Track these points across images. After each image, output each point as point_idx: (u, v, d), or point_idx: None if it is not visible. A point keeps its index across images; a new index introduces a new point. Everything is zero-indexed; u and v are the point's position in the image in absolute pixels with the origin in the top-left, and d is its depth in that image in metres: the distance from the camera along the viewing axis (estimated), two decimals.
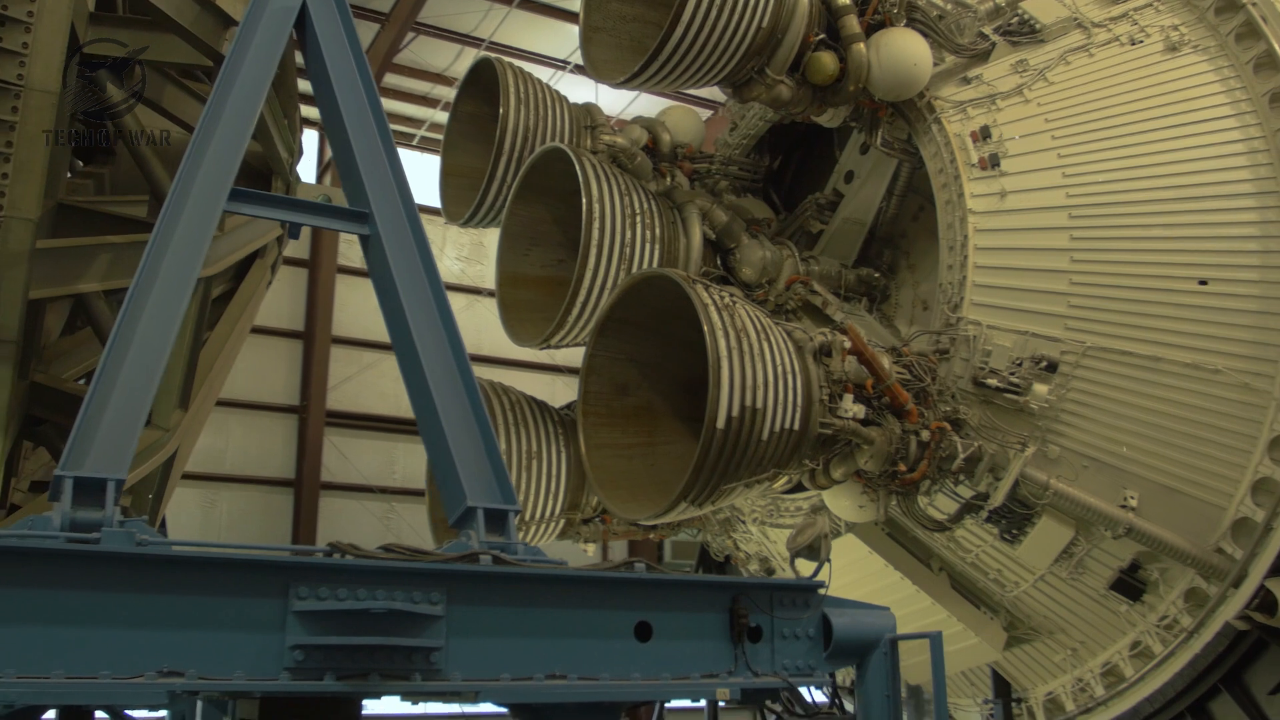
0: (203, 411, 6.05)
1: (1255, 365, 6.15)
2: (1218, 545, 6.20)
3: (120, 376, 2.89)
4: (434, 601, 2.76)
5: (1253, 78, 6.45)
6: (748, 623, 3.19)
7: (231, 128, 3.39)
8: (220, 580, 2.62)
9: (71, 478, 2.71)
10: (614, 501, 5.83)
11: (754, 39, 6.11)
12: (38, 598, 2.43)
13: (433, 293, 3.60)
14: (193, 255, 3.11)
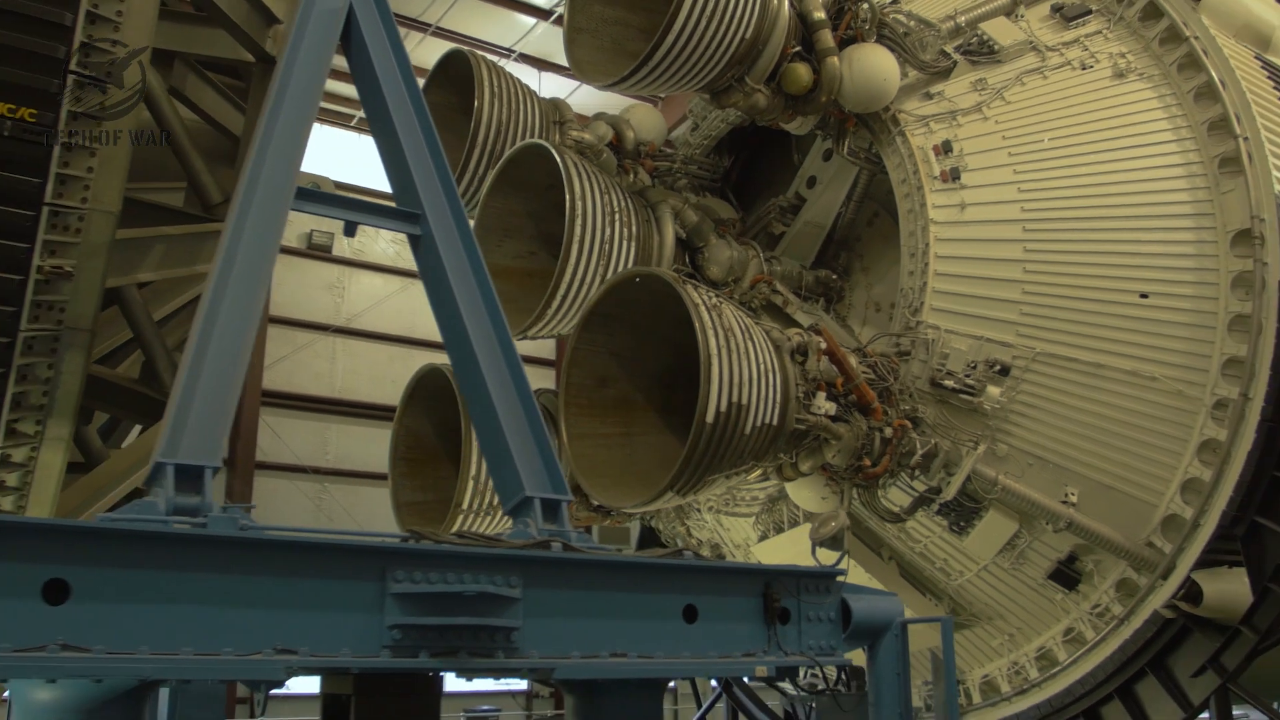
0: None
1: (1189, 374, 6.63)
2: (1149, 540, 6.67)
3: (205, 370, 3.02)
4: (512, 585, 2.97)
5: (1193, 106, 6.93)
6: (779, 606, 3.46)
7: (290, 130, 3.52)
8: (322, 564, 2.79)
9: (173, 464, 2.84)
10: (597, 489, 6.06)
11: (737, 49, 6.38)
12: (156, 578, 2.57)
13: (481, 291, 3.78)
14: (266, 254, 3.25)
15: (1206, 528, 6.48)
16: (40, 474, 3.41)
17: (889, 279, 8.05)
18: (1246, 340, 6.47)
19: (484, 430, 3.68)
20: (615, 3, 6.98)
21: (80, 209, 3.10)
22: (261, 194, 3.35)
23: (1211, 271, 6.67)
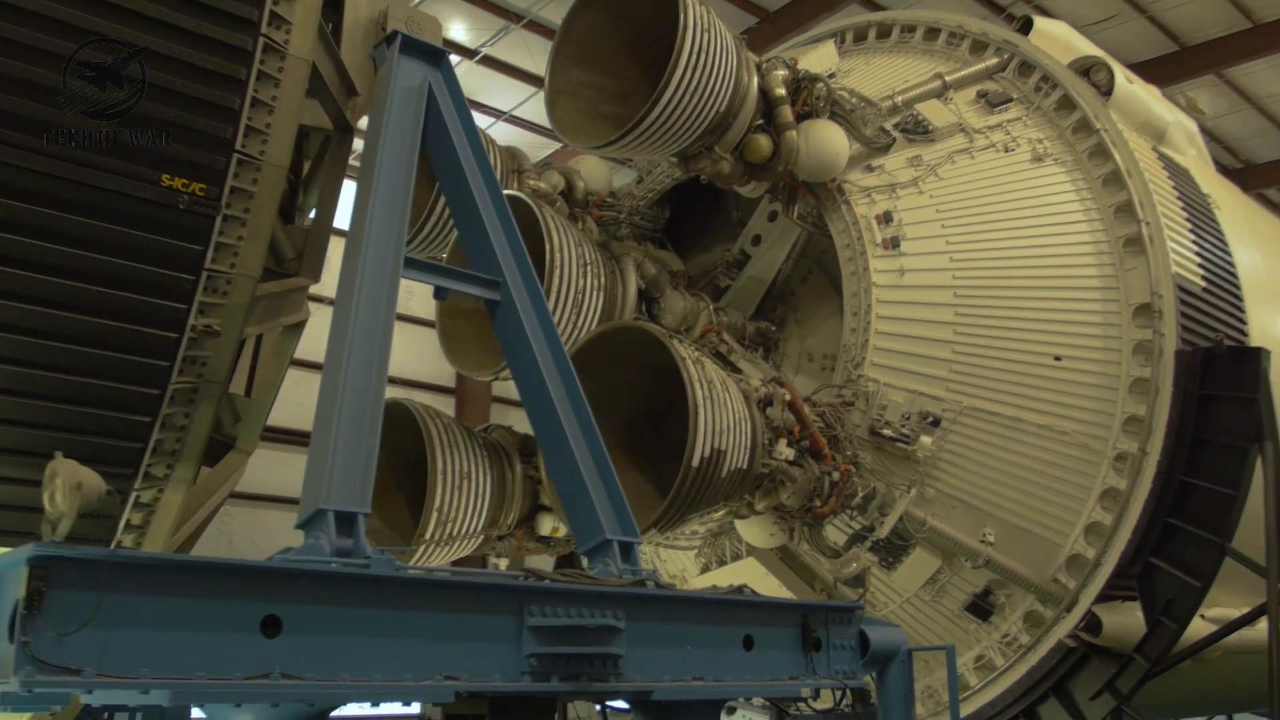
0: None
1: (1094, 429, 7.45)
2: (1055, 576, 7.43)
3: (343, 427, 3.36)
4: (618, 618, 3.40)
5: (1101, 190, 7.80)
6: (815, 636, 3.98)
7: (392, 203, 3.89)
8: (471, 600, 3.16)
9: (332, 511, 3.18)
10: None
11: (712, 121, 6.93)
12: (346, 614, 2.92)
13: (553, 350, 4.20)
14: (384, 320, 3.61)
15: (1106, 566, 7.28)
16: (160, 513, 3.68)
17: (821, 332, 8.71)
18: (1145, 401, 7.33)
19: (562, 478, 4.09)
20: (590, 68, 7.44)
21: (229, 273, 3.41)
22: (372, 264, 3.70)
23: (1116, 339, 7.52)
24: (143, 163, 3.17)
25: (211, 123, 3.28)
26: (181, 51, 3.19)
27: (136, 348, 3.29)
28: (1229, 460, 7.26)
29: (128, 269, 3.21)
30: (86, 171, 3.06)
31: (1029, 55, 8.45)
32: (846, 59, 9.33)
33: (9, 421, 3.16)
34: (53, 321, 3.14)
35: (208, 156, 3.29)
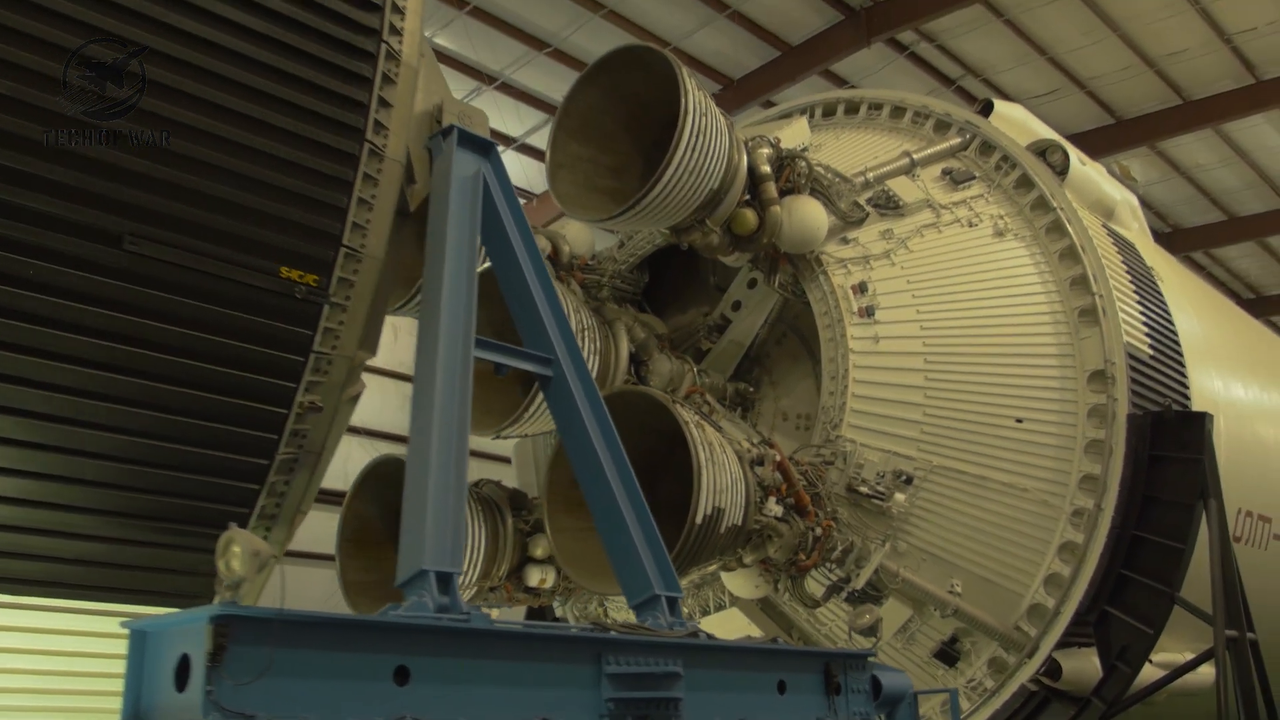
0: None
1: (1053, 487, 8.00)
2: (1017, 624, 7.94)
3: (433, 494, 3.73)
4: (679, 666, 3.80)
5: (1057, 264, 8.43)
6: (838, 680, 4.41)
7: (461, 285, 4.28)
8: (557, 651, 3.53)
9: (434, 571, 3.55)
10: (583, 578, 6.87)
11: (706, 198, 7.42)
12: (460, 664, 3.28)
13: (599, 420, 4.60)
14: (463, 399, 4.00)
15: (1065, 615, 7.81)
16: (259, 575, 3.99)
17: (795, 393, 9.22)
18: (1100, 461, 7.92)
19: (611, 538, 4.48)
20: (588, 142, 7.89)
21: (331, 354, 3.77)
22: (446, 344, 4.08)
23: (1072, 403, 8.11)
24: (265, 256, 3.54)
25: (324, 220, 3.66)
26: (301, 157, 3.57)
27: (250, 422, 3.63)
28: (1177, 516, 7.88)
29: (247, 351, 3.57)
30: (215, 264, 3.43)
31: (989, 136, 9.10)
32: (817, 133, 9.90)
33: (134, 489, 3.48)
34: (177, 398, 3.48)
35: (320, 251, 3.66)
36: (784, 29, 16.40)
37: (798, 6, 15.89)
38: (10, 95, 3.03)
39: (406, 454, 3.91)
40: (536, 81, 17.41)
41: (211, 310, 3.47)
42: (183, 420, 3.53)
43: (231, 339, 3.54)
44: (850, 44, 15.89)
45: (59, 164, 3.15)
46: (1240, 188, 21.84)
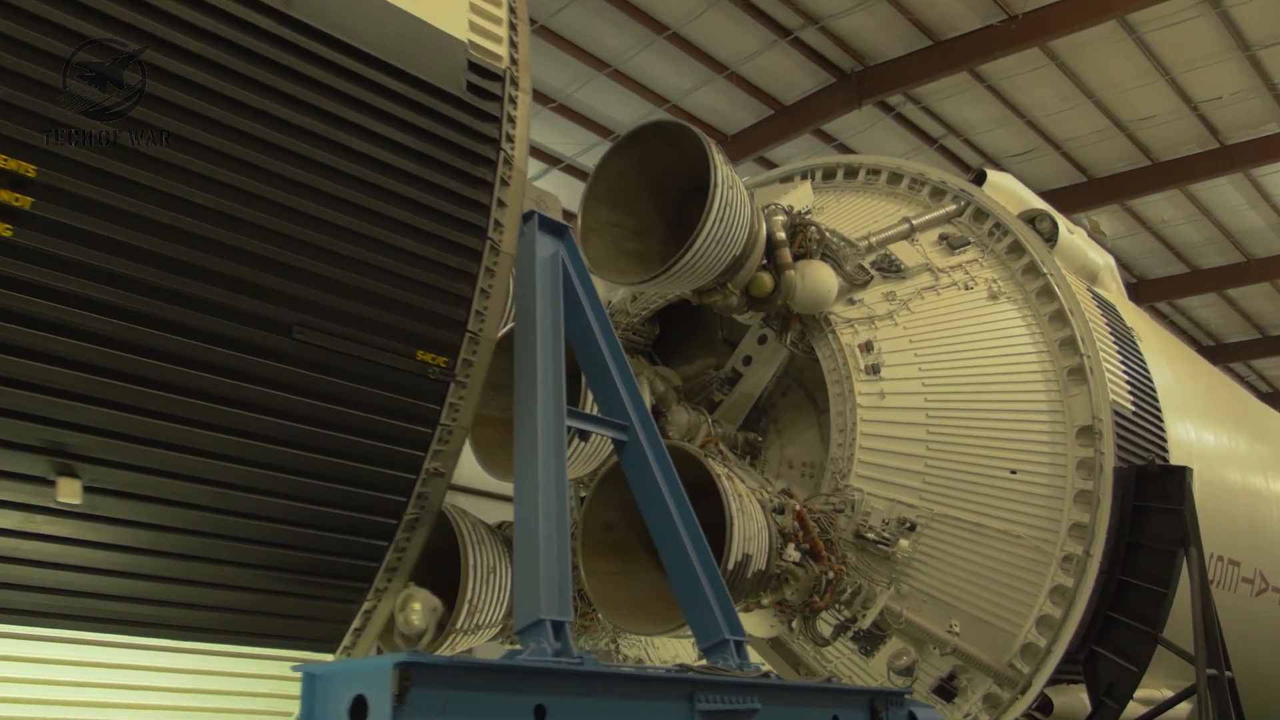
0: None
1: (1044, 534, 8.58)
2: (1010, 662, 8.49)
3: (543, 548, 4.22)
4: (757, 703, 4.31)
5: (1047, 326, 9.07)
6: (881, 715, 4.92)
7: (551, 359, 4.78)
8: (656, 690, 4.01)
9: (550, 620, 4.03)
10: (616, 618, 7.33)
11: (729, 264, 7.98)
12: (584, 702, 3.75)
13: (668, 481, 5.11)
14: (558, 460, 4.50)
15: (1056, 654, 8.37)
16: (375, 619, 4.46)
17: (800, 442, 9.76)
18: (1088, 511, 8.50)
19: (682, 588, 4.98)
20: (615, 208, 8.43)
21: (452, 426, 4.26)
22: (543, 414, 4.58)
23: (1062, 456, 8.71)
24: (405, 342, 4.04)
25: (453, 309, 4.16)
26: (436, 254, 4.07)
27: (385, 486, 4.11)
28: (1159, 562, 8.50)
29: (386, 425, 4.05)
30: (364, 349, 3.92)
31: (982, 204, 9.74)
32: (819, 195, 10.50)
33: (283, 545, 3.95)
34: (325, 466, 3.96)
35: (449, 336, 4.16)
36: (778, 90, 17.16)
37: (792, 69, 16.65)
38: (200, 203, 3.52)
39: (514, 515, 4.40)
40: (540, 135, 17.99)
41: (359, 390, 3.95)
42: (328, 485, 3.99)
43: (374, 414, 4.02)
44: (841, 106, 16.66)
45: (240, 262, 3.64)
46: (1203, 242, 22.92)
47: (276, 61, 3.72)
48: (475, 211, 4.25)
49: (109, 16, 3.33)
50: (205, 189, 3.53)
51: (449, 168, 4.18)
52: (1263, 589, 11.05)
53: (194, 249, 3.52)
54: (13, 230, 3.16)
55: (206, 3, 3.56)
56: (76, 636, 3.63)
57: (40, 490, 3.39)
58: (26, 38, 3.15)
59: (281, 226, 3.72)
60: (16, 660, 3.56)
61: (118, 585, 3.66)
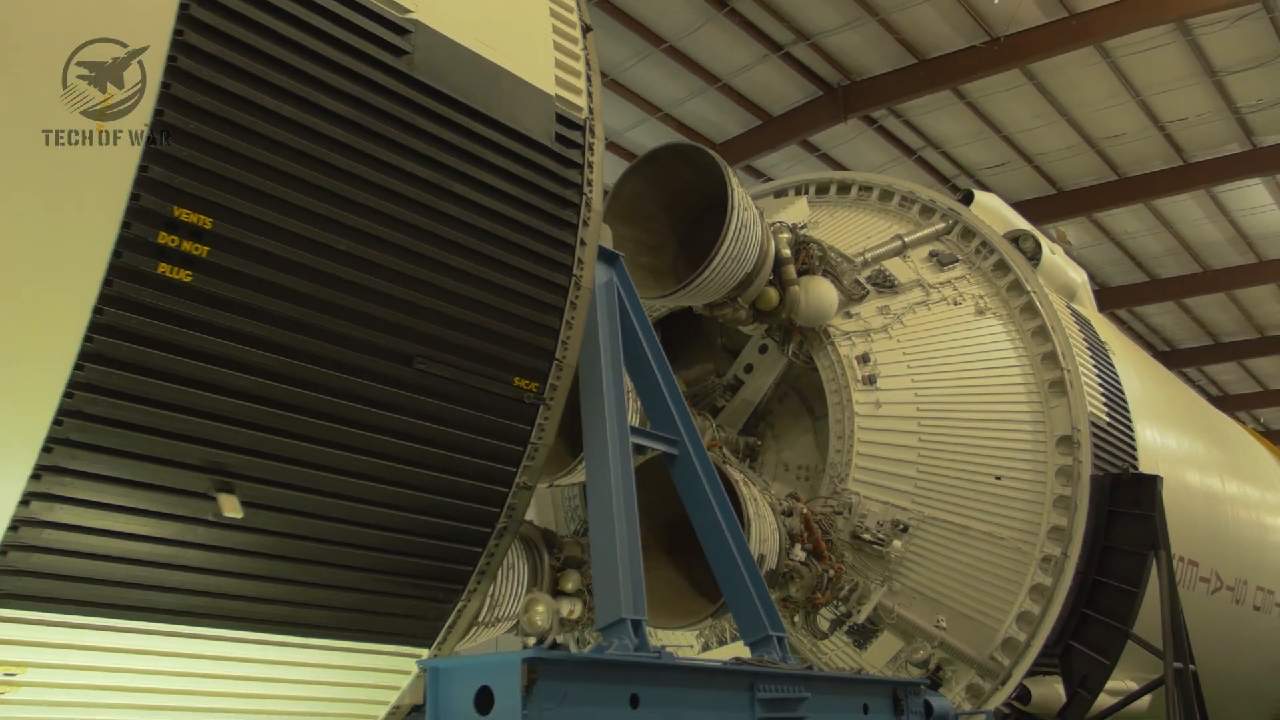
0: None
1: (1024, 536, 9.19)
2: (992, 655, 9.10)
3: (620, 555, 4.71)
4: (805, 691, 4.82)
5: (1030, 341, 9.67)
6: (903, 704, 5.47)
7: (615, 378, 5.26)
8: (723, 681, 4.51)
9: (630, 619, 4.52)
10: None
11: (742, 280, 8.49)
12: (669, 692, 4.24)
13: (714, 490, 5.61)
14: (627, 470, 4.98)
15: (1035, 647, 8.98)
16: (464, 617, 4.91)
17: (796, 446, 10.31)
18: (1066, 515, 9.12)
19: (729, 588, 5.48)
20: (631, 223, 8.89)
21: (538, 444, 4.72)
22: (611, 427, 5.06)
23: (1042, 464, 9.33)
24: (505, 370, 4.49)
25: (544, 340, 4.60)
26: (531, 290, 4.51)
27: (482, 499, 4.55)
28: (1131, 564, 9.15)
29: (486, 444, 4.49)
30: (471, 376, 4.37)
31: (970, 223, 10.33)
32: (813, 210, 11.04)
33: (392, 551, 4.40)
34: (432, 481, 4.37)
35: (540, 364, 4.61)
36: (766, 101, 17.72)
37: (781, 82, 17.21)
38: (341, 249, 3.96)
39: (589, 525, 4.88)
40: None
41: (465, 413, 4.40)
42: (434, 499, 4.44)
43: (477, 434, 4.47)
44: (828, 119, 17.26)
45: (371, 301, 4.09)
46: (1163, 253, 23.91)
47: (399, 118, 4.15)
48: (562, 251, 4.70)
49: (271, 83, 3.75)
50: (344, 236, 3.96)
51: (541, 212, 4.63)
52: (1218, 588, 11.79)
53: (334, 289, 3.95)
54: (192, 276, 3.58)
55: (345, 66, 3.99)
56: (219, 634, 4.06)
57: (199, 504, 3.82)
58: (210, 106, 3.57)
59: (404, 268, 4.16)
60: (167, 655, 3.99)
61: (255, 588, 4.08)
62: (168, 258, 3.50)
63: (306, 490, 4.03)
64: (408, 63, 4.17)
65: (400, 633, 4.56)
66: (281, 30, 3.80)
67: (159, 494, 3.72)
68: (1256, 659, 13.70)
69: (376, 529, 4.31)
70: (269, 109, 3.75)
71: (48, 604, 3.62)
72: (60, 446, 3.41)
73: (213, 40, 3.58)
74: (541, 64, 4.77)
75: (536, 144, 4.63)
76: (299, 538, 4.07)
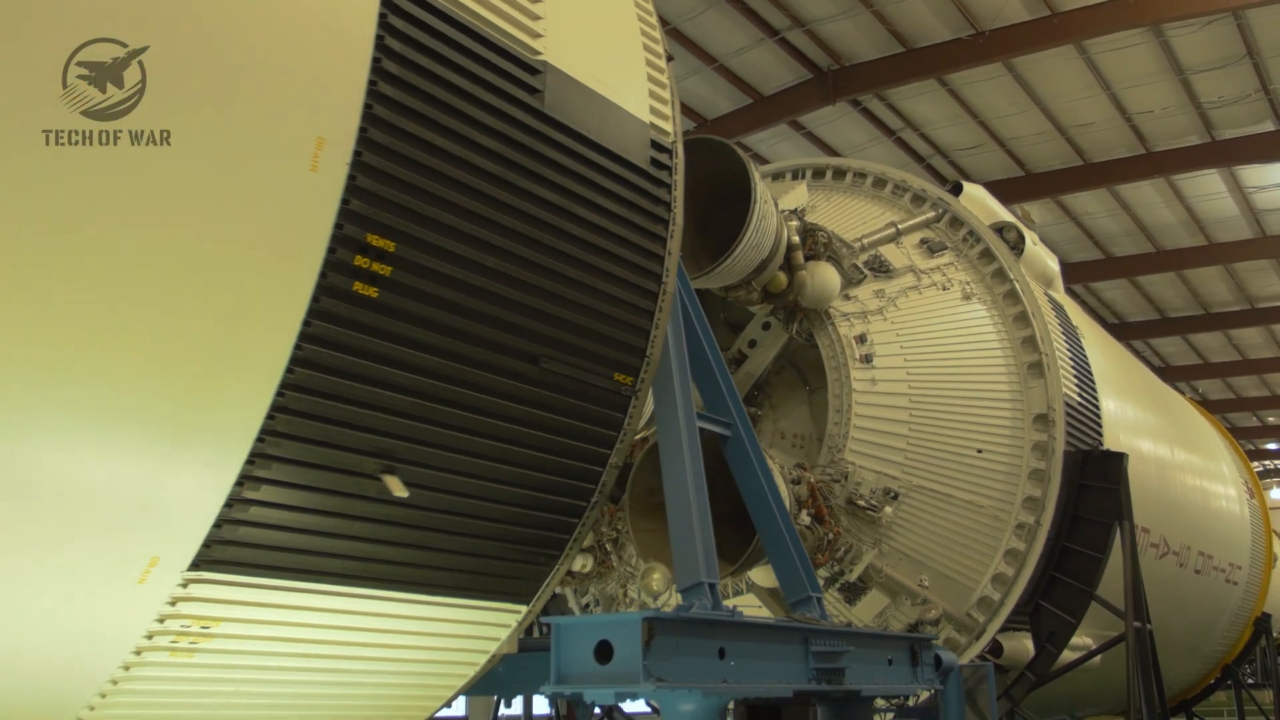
0: None
1: (1002, 505, 10.08)
2: (968, 612, 10.01)
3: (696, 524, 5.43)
4: (847, 646, 5.61)
5: (1011, 326, 10.51)
6: (920, 656, 6.29)
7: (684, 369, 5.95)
8: (782, 637, 5.25)
9: (706, 583, 5.25)
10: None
11: (758, 265, 9.19)
12: (748, 645, 4.97)
13: (763, 468, 6.34)
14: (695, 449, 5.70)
15: (1008, 606, 9.90)
16: (552, 581, 5.62)
17: (792, 416, 11.09)
18: (1040, 486, 10.01)
19: (775, 554, 6.24)
20: None
21: (627, 429, 5.39)
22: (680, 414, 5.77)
23: (1020, 439, 10.20)
24: (608, 366, 5.16)
25: (638, 339, 5.24)
26: (632, 298, 5.14)
27: (582, 477, 5.21)
28: (1097, 532, 10.10)
29: (590, 430, 5.15)
30: (582, 373, 5.03)
31: (958, 213, 11.11)
32: (810, 194, 11.75)
33: (508, 522, 5.05)
34: (545, 462, 4.99)
35: (634, 361, 5.26)
36: (758, 81, 18.34)
37: (774, 64, 17.83)
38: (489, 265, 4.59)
39: (666, 499, 5.59)
40: None
41: (575, 404, 5.05)
42: (546, 477, 5.12)
43: (583, 422, 5.13)
44: (817, 101, 17.93)
45: (507, 309, 4.72)
46: (1120, 234, 25.07)
47: (533, 149, 4.76)
48: (654, 261, 5.36)
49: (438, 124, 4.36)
50: (490, 254, 4.58)
51: (639, 228, 5.27)
52: (1165, 553, 12.84)
53: (482, 300, 4.57)
54: (378, 292, 4.20)
55: (494, 106, 4.60)
56: (371, 593, 4.72)
57: (366, 484, 4.47)
58: (394, 146, 4.19)
59: (533, 279, 4.78)
60: (329, 612, 4.65)
61: (402, 554, 4.72)
62: (361, 277, 4.11)
63: (449, 471, 4.68)
64: (540, 100, 4.78)
65: (508, 592, 5.24)
66: (446, 76, 4.39)
67: (335, 475, 4.34)
68: (1194, 619, 14.90)
69: (500, 504, 4.97)
70: (438, 146, 4.35)
71: (241, 568, 4.26)
72: (271, 437, 4.03)
73: (397, 89, 4.18)
74: (638, 94, 5.40)
75: (636, 168, 5.26)
76: (440, 511, 4.73)
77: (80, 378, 3.55)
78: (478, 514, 4.89)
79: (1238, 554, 15.97)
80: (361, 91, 4.07)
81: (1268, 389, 40.33)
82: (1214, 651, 16.78)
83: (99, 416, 3.67)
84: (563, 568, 5.53)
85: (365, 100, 4.07)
